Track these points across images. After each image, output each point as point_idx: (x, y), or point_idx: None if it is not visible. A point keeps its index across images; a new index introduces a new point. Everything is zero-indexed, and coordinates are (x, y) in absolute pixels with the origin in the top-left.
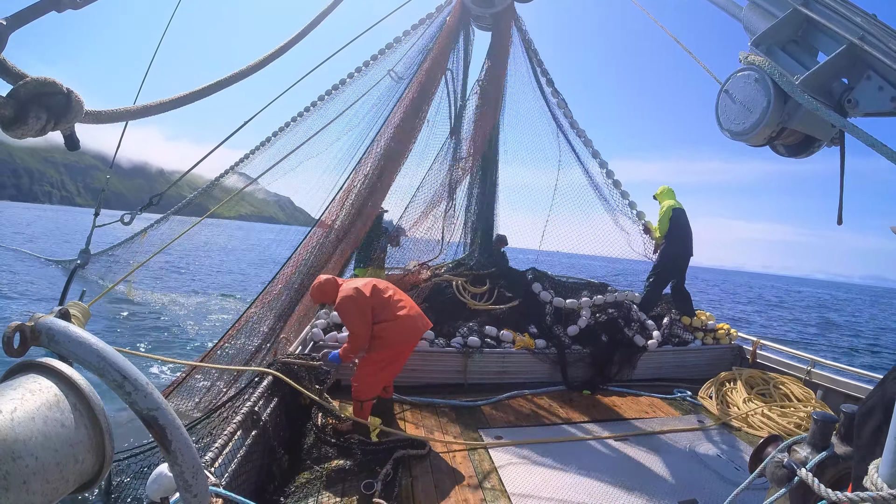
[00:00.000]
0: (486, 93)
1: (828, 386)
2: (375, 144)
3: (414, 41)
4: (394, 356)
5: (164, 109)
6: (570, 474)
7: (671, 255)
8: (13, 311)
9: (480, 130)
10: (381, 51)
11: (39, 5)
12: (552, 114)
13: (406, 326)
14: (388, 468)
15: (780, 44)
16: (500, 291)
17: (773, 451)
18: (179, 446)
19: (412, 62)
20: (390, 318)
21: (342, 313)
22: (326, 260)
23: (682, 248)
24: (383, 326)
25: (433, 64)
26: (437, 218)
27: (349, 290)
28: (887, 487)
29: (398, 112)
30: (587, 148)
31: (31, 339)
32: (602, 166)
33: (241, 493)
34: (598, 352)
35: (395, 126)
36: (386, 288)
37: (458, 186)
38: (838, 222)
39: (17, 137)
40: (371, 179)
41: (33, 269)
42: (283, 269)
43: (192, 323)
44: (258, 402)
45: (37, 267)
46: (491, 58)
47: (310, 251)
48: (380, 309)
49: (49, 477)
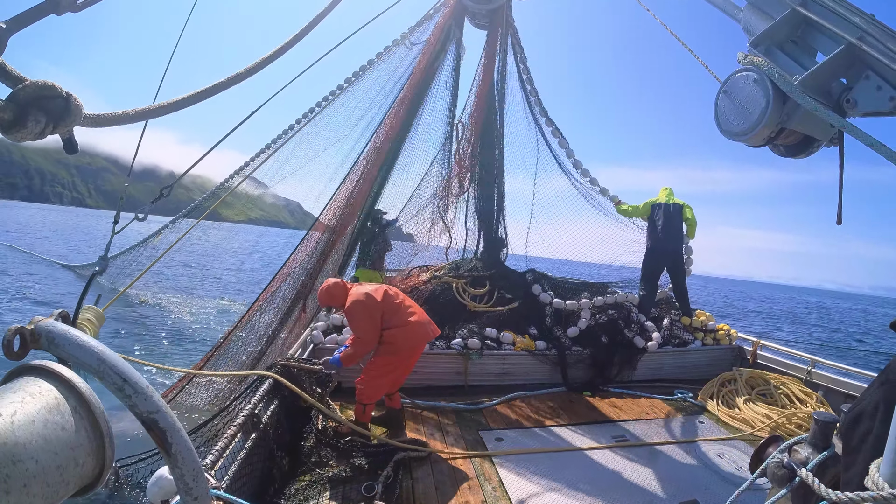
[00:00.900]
0: (479, 93)
1: (828, 386)
2: (371, 145)
3: (414, 39)
4: (400, 361)
5: (162, 113)
6: (571, 475)
7: (648, 248)
8: (23, 314)
9: (474, 131)
10: (379, 54)
11: (39, 8)
12: (533, 117)
13: (416, 333)
14: (389, 470)
15: (778, 44)
16: (500, 293)
17: (773, 451)
18: (180, 449)
19: (412, 59)
20: (400, 323)
21: (351, 317)
22: (324, 261)
23: (656, 241)
24: (393, 332)
25: (427, 63)
26: (436, 220)
27: (360, 294)
28: (888, 487)
29: (394, 111)
30: (563, 148)
31: (31, 342)
32: (577, 167)
33: (242, 496)
34: (599, 353)
35: (388, 126)
36: (396, 294)
37: (456, 186)
38: (837, 222)
39: (16, 140)
40: (361, 180)
41: (42, 272)
42: (280, 271)
43: (198, 326)
44: (258, 404)
45: (44, 268)
46: (486, 56)
47: (308, 254)
48: (390, 314)
49: (49, 480)
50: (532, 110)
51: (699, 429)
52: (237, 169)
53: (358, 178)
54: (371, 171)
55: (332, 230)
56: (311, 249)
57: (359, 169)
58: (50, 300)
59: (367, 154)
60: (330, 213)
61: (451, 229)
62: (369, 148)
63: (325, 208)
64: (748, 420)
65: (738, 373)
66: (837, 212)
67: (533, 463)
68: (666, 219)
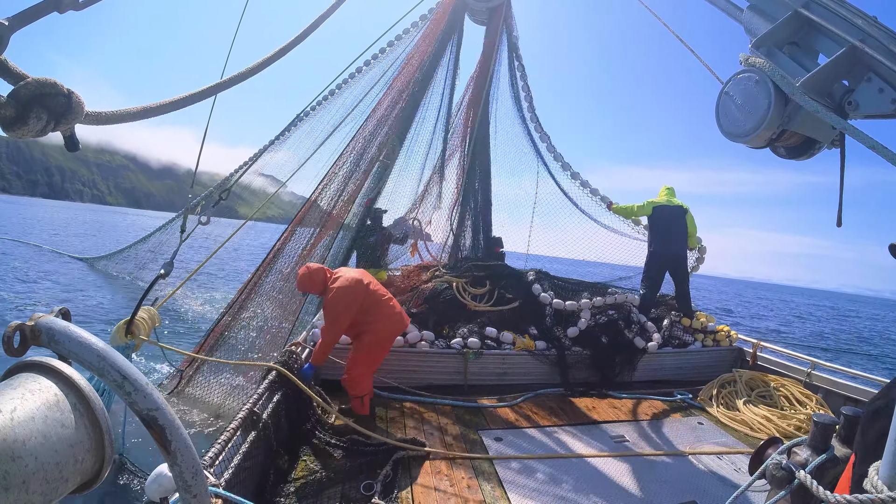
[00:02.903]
0: (477, 88)
1: (828, 388)
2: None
3: (415, 37)
4: (383, 351)
5: (164, 111)
6: (570, 476)
7: (651, 251)
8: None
9: (467, 128)
10: (381, 49)
11: (41, 6)
12: (523, 120)
13: (395, 322)
14: (388, 469)
15: (780, 46)
16: (500, 293)
17: (773, 453)
18: (179, 446)
19: (406, 54)
20: (383, 313)
21: (334, 303)
22: (310, 250)
23: (659, 244)
24: (375, 320)
25: (423, 55)
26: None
27: (350, 280)
28: (887, 490)
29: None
30: (550, 152)
31: (32, 339)
32: (566, 169)
33: (241, 494)
34: (599, 353)
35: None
36: (371, 282)
37: (449, 182)
38: (838, 224)
39: (17, 137)
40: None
41: (58, 269)
42: (267, 258)
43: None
44: (258, 401)
45: (58, 265)
46: (484, 53)
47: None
48: (374, 304)
49: (49, 477)
50: (523, 114)
51: (698, 430)
52: (245, 163)
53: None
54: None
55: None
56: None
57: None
58: (62, 297)
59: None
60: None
61: (447, 223)
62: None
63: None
64: (748, 422)
65: (738, 374)
66: (837, 214)
67: (532, 463)
68: (670, 221)
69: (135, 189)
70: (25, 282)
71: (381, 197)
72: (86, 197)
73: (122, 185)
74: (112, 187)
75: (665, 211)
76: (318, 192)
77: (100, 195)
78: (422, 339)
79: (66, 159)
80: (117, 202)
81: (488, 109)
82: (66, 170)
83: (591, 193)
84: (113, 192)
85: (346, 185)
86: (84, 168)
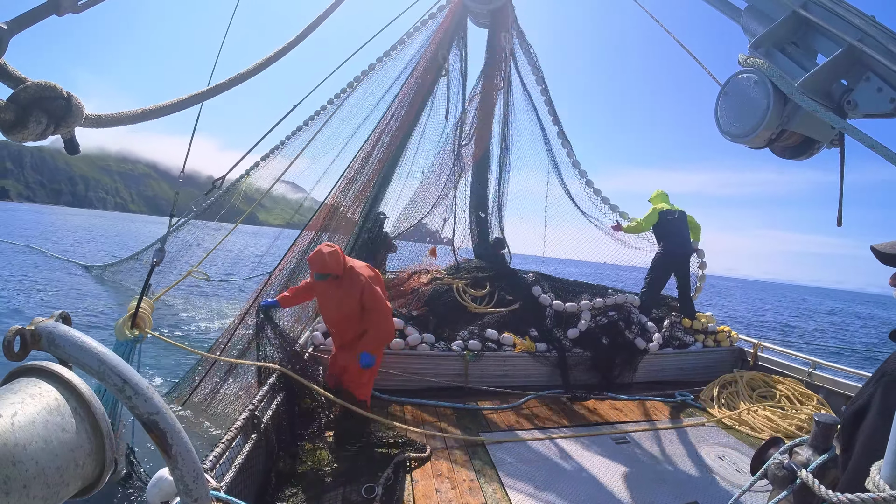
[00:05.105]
0: (485, 91)
1: (829, 388)
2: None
3: (417, 39)
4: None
5: (163, 114)
6: (572, 477)
7: (658, 255)
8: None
9: (479, 131)
10: (385, 52)
11: (39, 9)
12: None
13: (391, 322)
14: (389, 472)
15: (779, 46)
16: (500, 294)
17: (774, 453)
18: (180, 450)
19: (411, 60)
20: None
21: (372, 291)
22: None
23: (670, 244)
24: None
25: (429, 62)
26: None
27: (370, 270)
28: (889, 489)
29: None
30: (569, 158)
31: (32, 343)
32: (582, 175)
33: (242, 497)
34: (599, 355)
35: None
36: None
37: (458, 185)
38: (838, 224)
39: (17, 141)
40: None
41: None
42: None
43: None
44: (259, 404)
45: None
46: (488, 54)
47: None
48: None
49: (49, 481)
50: (538, 115)
51: (700, 431)
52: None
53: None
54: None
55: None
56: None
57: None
58: (64, 302)
59: (368, 153)
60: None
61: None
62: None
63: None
64: (749, 422)
65: (739, 375)
66: (838, 214)
67: (533, 465)
68: (677, 224)
69: (157, 197)
70: (26, 286)
71: (384, 202)
72: (109, 205)
73: (145, 193)
74: (135, 195)
75: (670, 214)
76: (333, 198)
77: (122, 203)
78: (422, 342)
79: (89, 168)
80: (140, 210)
81: (505, 115)
82: (90, 179)
83: (610, 210)
84: (135, 199)
85: (351, 188)
86: (107, 177)
